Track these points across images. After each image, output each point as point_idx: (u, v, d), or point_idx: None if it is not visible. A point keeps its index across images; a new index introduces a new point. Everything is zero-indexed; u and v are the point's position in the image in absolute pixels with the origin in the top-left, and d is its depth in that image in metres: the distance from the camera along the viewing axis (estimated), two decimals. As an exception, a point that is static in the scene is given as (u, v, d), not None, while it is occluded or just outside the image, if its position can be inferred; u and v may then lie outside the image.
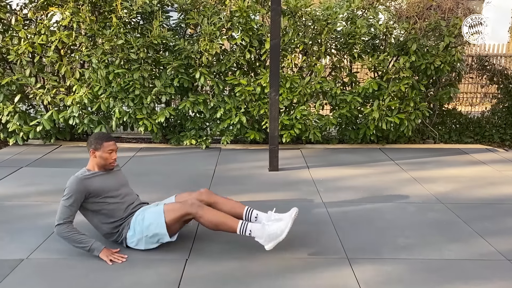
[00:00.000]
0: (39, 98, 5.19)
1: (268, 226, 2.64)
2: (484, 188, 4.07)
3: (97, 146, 2.78)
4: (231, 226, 2.67)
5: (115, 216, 2.79)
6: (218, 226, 2.68)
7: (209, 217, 2.67)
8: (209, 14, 5.06)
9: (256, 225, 2.68)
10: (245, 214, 2.87)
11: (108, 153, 2.79)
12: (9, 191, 3.84)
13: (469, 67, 6.31)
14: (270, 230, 2.62)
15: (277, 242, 2.62)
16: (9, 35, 5.12)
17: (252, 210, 2.88)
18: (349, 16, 5.23)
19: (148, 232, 2.73)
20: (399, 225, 3.25)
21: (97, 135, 2.85)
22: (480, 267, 2.66)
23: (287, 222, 2.64)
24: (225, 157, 5.09)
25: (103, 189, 2.76)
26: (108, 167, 2.83)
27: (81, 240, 2.65)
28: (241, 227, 2.66)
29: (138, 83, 5.00)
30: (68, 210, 2.64)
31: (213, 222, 2.67)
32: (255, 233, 2.66)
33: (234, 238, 2.93)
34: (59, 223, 2.64)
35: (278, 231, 2.61)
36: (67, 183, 2.70)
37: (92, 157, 2.81)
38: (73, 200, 2.65)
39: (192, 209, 2.67)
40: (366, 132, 5.45)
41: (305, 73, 5.42)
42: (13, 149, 5.25)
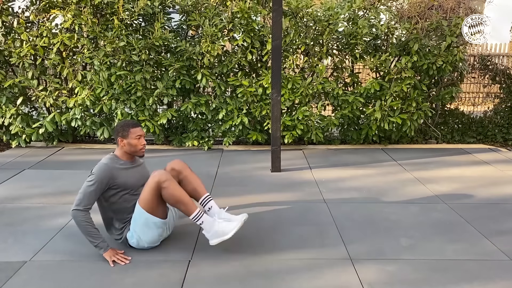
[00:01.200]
0: (42, 100, 5.21)
1: (218, 223, 2.69)
2: (487, 188, 4.06)
3: (125, 134, 2.78)
4: (189, 209, 2.68)
5: (126, 213, 2.80)
6: (177, 203, 2.68)
7: (172, 191, 2.65)
8: (211, 15, 5.07)
9: (209, 218, 2.71)
10: (202, 199, 2.90)
11: (136, 139, 2.79)
12: (12, 193, 3.85)
13: (471, 67, 6.30)
14: (218, 228, 2.67)
15: (221, 240, 2.67)
16: (11, 37, 5.13)
17: (210, 200, 2.91)
18: (351, 16, 5.23)
19: (137, 228, 2.73)
20: (402, 225, 3.25)
21: (123, 122, 2.85)
22: (484, 267, 2.66)
23: (236, 225, 2.68)
24: (227, 158, 5.09)
25: (127, 184, 2.76)
26: (138, 153, 2.83)
27: (92, 233, 2.65)
28: (196, 215, 2.68)
29: (140, 85, 5.01)
30: (89, 196, 2.63)
31: (175, 197, 2.66)
32: (205, 226, 2.70)
33: (237, 239, 2.93)
34: (78, 208, 2.62)
35: (226, 230, 2.66)
36: (95, 168, 2.69)
37: (120, 145, 2.81)
38: (96, 188, 2.65)
39: (161, 177, 2.65)
40: (369, 133, 5.44)
41: (307, 74, 5.42)
42: (16, 151, 5.27)
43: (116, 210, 2.80)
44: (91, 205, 2.66)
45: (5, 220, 3.28)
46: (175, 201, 2.68)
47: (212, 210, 2.87)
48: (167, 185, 2.65)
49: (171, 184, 2.66)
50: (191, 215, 2.68)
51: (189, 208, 2.68)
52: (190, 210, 2.68)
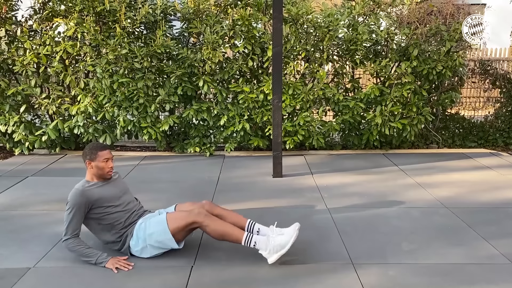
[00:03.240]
0: (44, 108, 5.24)
1: (272, 238, 2.67)
2: (489, 192, 4.06)
3: (92, 157, 2.82)
4: (237, 237, 2.69)
5: (119, 224, 2.81)
6: (223, 236, 2.70)
7: (215, 227, 2.69)
8: (212, 23, 5.11)
9: (260, 237, 2.70)
10: (247, 226, 2.88)
11: (104, 162, 2.81)
12: (15, 201, 3.87)
13: (471, 72, 6.32)
14: (274, 242, 2.64)
15: (280, 254, 2.64)
16: (15, 46, 5.18)
17: (254, 224, 2.89)
18: (351, 22, 5.27)
19: (151, 240, 2.75)
20: (404, 230, 3.25)
21: (91, 145, 2.89)
22: (485, 271, 2.66)
23: (291, 235, 2.66)
24: (229, 164, 5.11)
25: (105, 198, 2.78)
26: (105, 176, 2.85)
27: (88, 253, 2.69)
28: (246, 238, 2.68)
29: (142, 92, 5.05)
30: (73, 224, 2.68)
31: (219, 232, 2.69)
32: (260, 245, 2.68)
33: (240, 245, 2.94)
34: (66, 238, 2.68)
35: (283, 243, 2.64)
36: (69, 196, 2.73)
37: (89, 168, 2.84)
38: (76, 213, 2.69)
39: (199, 218, 2.69)
40: (369, 138, 5.46)
41: (308, 80, 5.45)
42: (19, 159, 5.30)
43: (106, 226, 2.82)
44: (79, 230, 2.71)
45: (9, 227, 3.31)
46: (221, 235, 2.70)
47: (262, 231, 2.85)
48: (207, 224, 2.68)
49: (211, 222, 2.69)
50: (242, 241, 2.68)
51: (236, 237, 2.69)
52: (238, 237, 2.68)
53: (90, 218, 2.79)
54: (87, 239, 2.84)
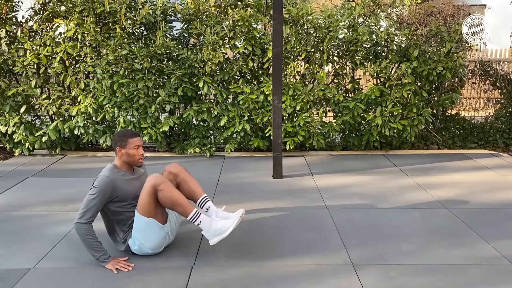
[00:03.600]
0: (45, 109, 5.25)
1: (216, 221, 2.70)
2: (489, 193, 4.06)
3: (123, 144, 2.80)
4: (186, 210, 2.69)
5: (128, 224, 2.82)
6: (174, 205, 2.69)
7: (169, 194, 2.67)
8: (212, 23, 5.11)
9: (206, 218, 2.72)
10: (199, 200, 2.92)
11: (134, 149, 2.81)
12: (15, 201, 3.87)
13: (471, 73, 6.32)
14: (216, 226, 2.68)
15: (220, 238, 2.67)
16: (15, 47, 5.19)
17: (207, 201, 2.93)
18: (351, 23, 5.27)
19: (137, 234, 2.75)
20: (404, 231, 3.25)
21: (122, 132, 2.88)
22: (485, 272, 2.66)
23: (234, 221, 2.69)
24: (229, 165, 5.11)
25: (129, 194, 2.78)
26: (136, 163, 2.86)
27: (95, 246, 2.67)
28: (194, 215, 2.68)
29: (142, 93, 5.05)
30: (92, 209, 2.65)
31: (171, 200, 2.67)
32: (203, 225, 2.70)
33: (240, 245, 2.95)
34: (80, 221, 2.64)
35: (224, 228, 2.66)
36: (96, 181, 2.70)
37: (119, 155, 2.83)
38: (99, 200, 2.66)
39: (156, 180, 2.67)
40: (370, 139, 5.46)
41: (308, 81, 5.45)
42: (19, 159, 5.30)
43: (118, 221, 2.82)
44: (94, 217, 2.68)
45: (9, 228, 3.31)
46: (172, 203, 2.69)
47: (210, 211, 2.89)
48: (162, 188, 2.66)
49: (166, 187, 2.67)
50: (189, 215, 2.69)
51: (186, 209, 2.69)
52: (187, 211, 2.69)
53: (109, 209, 2.77)
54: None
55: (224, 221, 2.71)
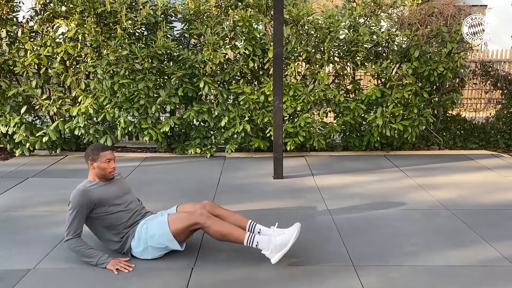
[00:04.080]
0: (45, 109, 5.25)
1: (274, 237, 2.67)
2: (490, 194, 4.05)
3: (94, 157, 2.83)
4: (238, 237, 2.69)
5: (120, 224, 2.81)
6: (225, 236, 2.70)
7: (217, 228, 2.68)
8: (212, 24, 5.11)
9: (262, 237, 2.70)
10: (249, 227, 2.88)
11: (106, 163, 2.82)
12: (15, 202, 3.87)
13: (472, 73, 6.31)
14: (276, 242, 2.65)
15: (282, 253, 2.64)
16: (16, 47, 5.19)
17: (256, 224, 2.89)
18: (351, 24, 5.27)
19: (153, 242, 2.75)
20: (405, 231, 3.25)
21: (93, 146, 2.90)
22: (487, 273, 2.65)
23: (292, 234, 2.67)
24: (230, 165, 5.10)
25: (107, 198, 2.79)
26: (108, 176, 2.86)
27: (89, 253, 2.69)
28: (248, 238, 2.68)
29: (143, 93, 5.05)
30: (75, 224, 2.68)
31: (221, 232, 2.69)
32: (262, 245, 2.67)
33: (240, 246, 2.93)
34: (68, 238, 2.68)
35: (284, 241, 2.64)
36: (71, 196, 2.73)
37: (91, 168, 2.85)
38: (78, 213, 2.68)
39: (200, 219, 2.69)
40: (370, 139, 5.45)
41: (309, 81, 5.45)
42: (20, 160, 5.30)
43: (108, 226, 2.82)
44: (80, 230, 2.71)
45: (9, 228, 3.30)
46: (223, 235, 2.69)
47: (263, 232, 2.85)
48: (209, 225, 2.68)
49: (213, 223, 2.69)
50: (244, 241, 2.68)
51: (238, 237, 2.69)
52: (240, 237, 2.68)
53: (92, 218, 2.79)
54: (88, 240, 2.83)
55: (283, 236, 2.68)
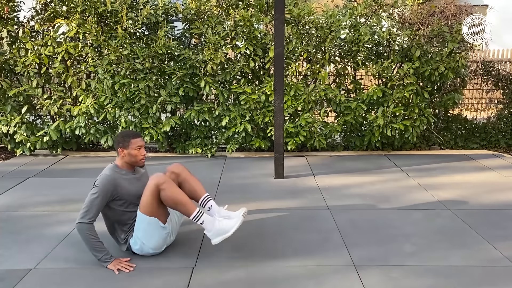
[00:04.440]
0: (46, 109, 5.24)
1: (218, 221, 2.70)
2: (491, 194, 4.05)
3: (125, 144, 2.81)
4: (188, 210, 2.69)
5: (129, 223, 2.82)
6: (176, 204, 2.70)
7: (171, 193, 2.67)
8: (213, 23, 5.11)
9: (209, 218, 2.73)
10: (201, 199, 2.94)
11: (136, 150, 2.81)
12: (16, 201, 3.87)
13: (473, 73, 6.30)
14: (219, 226, 2.68)
15: (223, 238, 2.67)
16: (17, 47, 5.18)
17: (209, 200, 2.94)
18: (352, 23, 5.26)
19: (139, 233, 2.75)
20: (406, 232, 3.24)
21: (124, 133, 2.89)
22: (488, 274, 2.65)
23: (237, 221, 2.70)
24: (231, 165, 5.10)
25: (129, 194, 2.78)
26: (139, 163, 2.85)
27: (97, 247, 2.67)
28: (196, 215, 2.69)
29: (143, 93, 5.04)
30: (94, 209, 2.64)
31: (174, 199, 2.68)
32: (206, 225, 2.70)
33: (241, 246, 2.94)
34: (82, 221, 2.63)
35: (227, 228, 2.67)
36: (98, 180, 2.70)
37: (121, 155, 2.83)
38: (101, 199, 2.66)
39: (159, 179, 2.67)
40: (371, 139, 5.44)
41: (309, 81, 5.44)
42: (20, 159, 5.30)
43: (119, 221, 2.82)
44: (96, 217, 2.68)
45: (10, 228, 3.30)
46: (174, 203, 2.69)
47: (212, 210, 2.90)
48: (165, 187, 2.66)
49: (169, 186, 2.68)
50: (191, 215, 2.69)
51: (188, 209, 2.69)
52: (190, 210, 2.69)
53: (109, 209, 2.77)
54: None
55: (227, 221, 2.71)
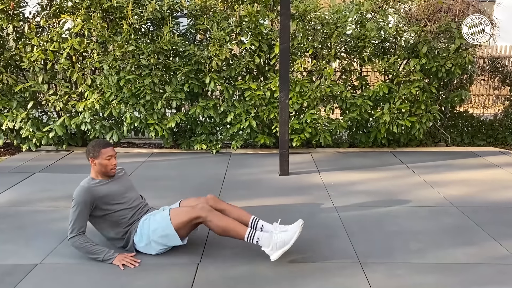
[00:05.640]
0: (52, 105, 5.26)
1: (275, 234, 2.64)
2: (498, 191, 4.01)
3: (95, 154, 2.80)
4: (239, 232, 2.67)
5: (123, 221, 2.81)
6: (226, 231, 2.68)
7: (218, 222, 2.67)
8: (219, 19, 5.09)
9: (263, 234, 2.68)
10: (251, 223, 2.85)
11: (107, 160, 2.79)
12: (22, 197, 3.88)
13: (481, 69, 6.25)
14: (277, 239, 2.62)
15: (283, 251, 2.61)
16: (22, 42, 5.20)
17: (258, 220, 2.87)
18: (359, 19, 5.22)
19: (155, 236, 2.74)
20: (412, 229, 3.22)
21: (94, 143, 2.87)
22: (496, 272, 2.62)
23: (295, 232, 2.64)
24: (236, 161, 5.09)
25: (110, 196, 2.78)
26: (109, 173, 2.84)
27: (95, 250, 2.69)
28: (249, 235, 2.66)
29: (149, 89, 5.04)
30: (78, 221, 2.68)
31: (222, 227, 2.67)
32: (262, 242, 2.65)
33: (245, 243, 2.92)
34: (72, 235, 2.68)
35: (286, 239, 2.61)
36: (74, 194, 2.73)
37: (92, 165, 2.83)
38: (82, 211, 2.68)
39: (202, 212, 2.68)
40: (377, 136, 5.41)
41: (315, 77, 5.42)
42: (26, 155, 5.32)
43: (111, 224, 2.81)
44: (84, 227, 2.70)
45: (16, 223, 3.32)
46: (223, 230, 2.68)
47: (265, 228, 2.82)
48: (211, 219, 2.66)
49: (214, 217, 2.67)
50: (244, 236, 2.66)
51: (239, 232, 2.67)
52: (241, 233, 2.67)
53: (95, 216, 2.78)
54: (92, 236, 2.84)
55: (284, 233, 2.64)
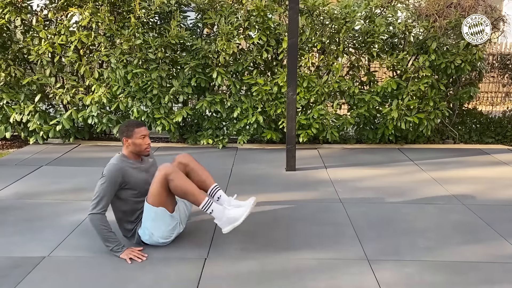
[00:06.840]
0: (59, 98, 5.26)
1: (228, 210, 2.70)
2: (506, 189, 3.98)
3: (129, 133, 2.81)
4: (198, 199, 2.70)
5: (137, 212, 2.82)
6: (185, 195, 2.71)
7: (179, 183, 2.67)
8: (226, 13, 5.06)
9: (218, 206, 2.72)
10: (210, 189, 2.93)
11: (140, 139, 2.81)
12: (30, 190, 3.90)
13: (490, 66, 6.18)
14: (229, 214, 2.68)
15: (233, 226, 2.68)
16: (30, 35, 5.20)
17: (218, 190, 2.94)
18: (368, 14, 5.18)
19: (147, 223, 2.75)
20: (420, 226, 3.20)
21: (127, 122, 2.89)
22: (505, 270, 2.60)
23: (246, 209, 2.69)
24: (242, 156, 5.08)
25: (138, 183, 2.78)
26: (143, 152, 2.85)
27: (109, 237, 2.68)
28: (206, 204, 2.69)
29: (156, 83, 5.03)
30: (104, 199, 2.66)
31: (182, 189, 2.68)
32: (215, 214, 2.70)
33: (253, 237, 2.93)
34: (94, 212, 2.64)
35: (236, 216, 2.67)
36: (105, 170, 2.71)
37: (125, 145, 2.83)
38: (110, 188, 2.67)
39: (167, 169, 2.68)
40: (385, 132, 5.38)
41: (323, 72, 5.38)
42: (33, 148, 5.34)
43: (126, 211, 2.82)
44: (107, 207, 2.69)
45: (24, 216, 3.33)
46: (183, 193, 2.70)
47: (222, 199, 2.90)
48: (173, 177, 2.67)
49: (177, 176, 2.68)
50: (200, 204, 2.69)
51: (197, 198, 2.70)
52: (199, 199, 2.70)
53: (117, 197, 2.77)
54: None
55: (237, 209, 2.72)
